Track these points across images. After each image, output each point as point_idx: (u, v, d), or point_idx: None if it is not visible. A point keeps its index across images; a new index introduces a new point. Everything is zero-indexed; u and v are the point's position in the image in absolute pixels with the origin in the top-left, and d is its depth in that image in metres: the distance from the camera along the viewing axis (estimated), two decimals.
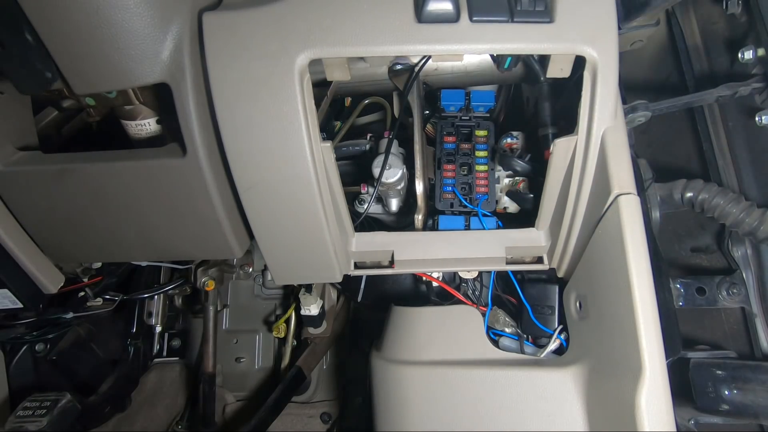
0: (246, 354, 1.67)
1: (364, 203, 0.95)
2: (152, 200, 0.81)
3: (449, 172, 0.92)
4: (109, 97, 0.80)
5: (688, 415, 0.93)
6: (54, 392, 1.15)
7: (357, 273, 0.90)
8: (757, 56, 0.88)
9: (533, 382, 0.81)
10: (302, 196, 0.76)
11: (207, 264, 1.41)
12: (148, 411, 1.57)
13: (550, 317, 0.89)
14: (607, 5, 0.70)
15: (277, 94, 0.70)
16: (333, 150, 0.77)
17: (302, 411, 1.62)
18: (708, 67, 1.01)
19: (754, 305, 0.93)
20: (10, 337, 1.22)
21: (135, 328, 1.52)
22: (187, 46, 0.70)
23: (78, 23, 0.65)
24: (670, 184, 0.96)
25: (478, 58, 0.94)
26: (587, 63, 0.71)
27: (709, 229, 1.03)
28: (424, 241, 0.87)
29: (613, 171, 0.71)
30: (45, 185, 0.82)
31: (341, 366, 1.65)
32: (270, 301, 1.68)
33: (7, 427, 1.07)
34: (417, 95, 0.92)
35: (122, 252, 0.92)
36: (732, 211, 0.88)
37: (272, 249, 0.83)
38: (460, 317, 0.91)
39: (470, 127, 0.94)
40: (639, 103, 0.88)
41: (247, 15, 0.69)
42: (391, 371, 0.93)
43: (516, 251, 0.86)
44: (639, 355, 0.64)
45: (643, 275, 0.66)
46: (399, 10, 0.69)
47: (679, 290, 0.98)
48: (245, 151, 0.73)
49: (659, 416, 0.63)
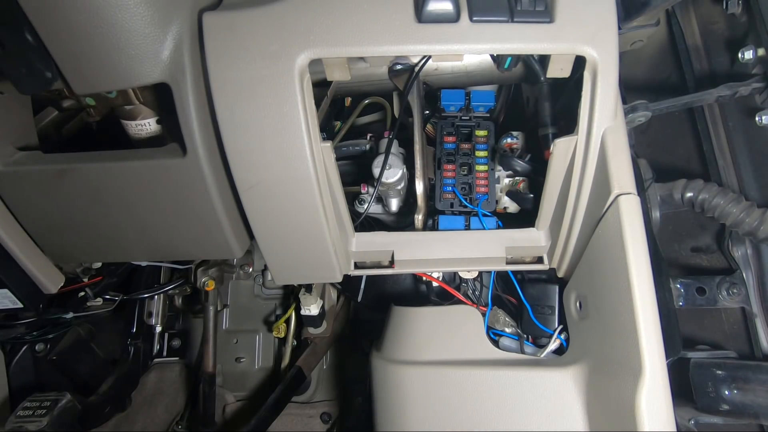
0: (246, 354, 1.67)
1: (364, 203, 0.95)
2: (152, 200, 0.81)
3: (449, 172, 0.92)
4: (109, 97, 0.80)
5: (688, 415, 0.93)
6: (54, 392, 1.15)
7: (357, 273, 0.90)
8: (757, 56, 0.88)
9: (533, 382, 0.81)
10: (302, 196, 0.76)
11: (207, 264, 1.41)
12: (148, 411, 1.58)
13: (550, 317, 0.89)
14: (607, 5, 0.70)
15: (277, 94, 0.70)
16: (333, 150, 0.77)
17: (302, 411, 1.62)
18: (708, 67, 1.01)
19: (754, 305, 0.93)
20: (10, 337, 1.22)
21: (135, 328, 1.52)
22: (187, 46, 0.70)
23: (78, 23, 0.65)
24: (670, 184, 0.96)
25: (478, 58, 0.94)
26: (587, 63, 0.71)
27: (709, 229, 1.03)
28: (424, 241, 0.87)
29: (613, 171, 0.71)
30: (45, 185, 0.82)
31: (341, 366, 1.66)
32: (270, 301, 1.68)
33: (7, 427, 1.07)
34: (417, 95, 0.92)
35: (122, 252, 0.92)
36: (732, 211, 0.88)
37: (272, 249, 0.83)
38: (460, 317, 0.91)
39: (470, 127, 0.94)
40: (639, 103, 0.88)
41: (247, 15, 0.69)
42: (391, 371, 0.93)
43: (516, 251, 0.86)
44: (639, 355, 0.64)
45: (643, 275, 0.66)
46: (399, 10, 0.69)
47: (679, 290, 0.98)
48: (245, 151, 0.73)
49: (659, 416, 0.63)
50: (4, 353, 1.24)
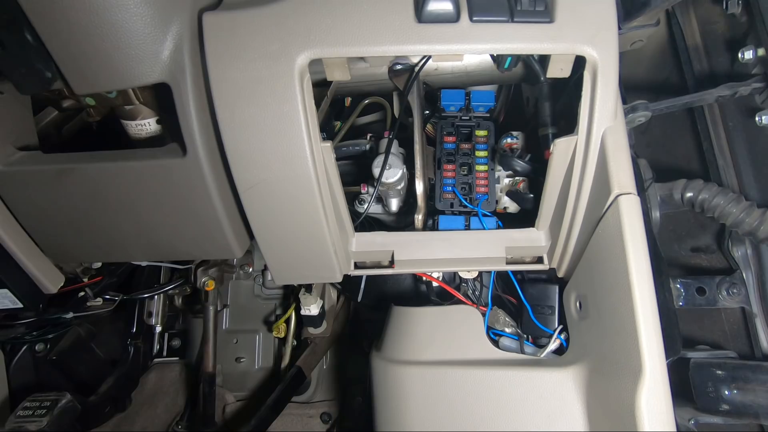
0: (246, 354, 1.67)
1: (364, 203, 0.95)
2: (152, 200, 0.81)
3: (449, 172, 0.92)
4: (109, 97, 0.80)
5: (688, 415, 0.93)
6: (54, 392, 1.15)
7: (357, 273, 0.90)
8: (757, 56, 0.88)
9: (533, 382, 0.81)
10: (302, 196, 0.76)
11: (207, 264, 1.42)
12: (148, 411, 1.58)
13: (550, 317, 0.89)
14: (607, 5, 0.70)
15: (277, 94, 0.70)
16: (333, 150, 0.77)
17: (302, 411, 1.62)
18: (708, 67, 1.01)
19: (754, 305, 0.93)
20: (10, 337, 1.22)
21: (135, 328, 1.52)
22: (187, 46, 0.70)
23: (78, 23, 0.65)
24: (670, 184, 0.96)
25: (478, 58, 0.94)
26: (587, 63, 0.71)
27: (709, 229, 1.03)
28: (424, 241, 0.87)
29: (613, 171, 0.71)
30: (45, 185, 0.82)
31: (341, 366, 1.66)
32: (270, 301, 1.68)
33: (7, 427, 1.07)
34: (417, 95, 0.92)
35: (122, 252, 0.92)
36: (732, 211, 0.88)
37: (272, 249, 0.83)
38: (460, 317, 0.91)
39: (470, 127, 0.94)
40: (639, 103, 0.88)
41: (247, 15, 0.69)
42: (391, 371, 0.93)
43: (516, 251, 0.86)
44: (639, 355, 0.64)
45: (643, 275, 0.66)
46: (399, 10, 0.69)
47: (679, 290, 0.98)
48: (245, 151, 0.73)
49: (659, 416, 0.63)
50: (4, 353, 1.24)
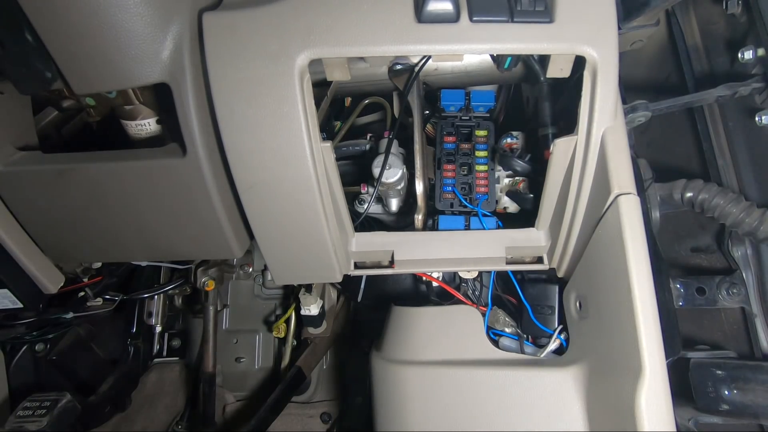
0: (246, 354, 1.67)
1: (364, 203, 0.95)
2: (152, 200, 0.81)
3: (449, 172, 0.92)
4: (109, 97, 0.80)
5: (688, 415, 0.93)
6: (54, 392, 1.15)
7: (357, 273, 0.90)
8: (757, 56, 0.88)
9: (533, 382, 0.81)
10: (302, 196, 0.76)
11: (207, 264, 1.41)
12: (148, 411, 1.58)
13: (550, 317, 0.89)
14: (607, 5, 0.70)
15: (277, 94, 0.70)
16: (333, 150, 0.77)
17: (302, 411, 1.62)
18: (708, 67, 1.01)
19: (754, 305, 0.93)
20: (10, 337, 1.22)
21: (135, 328, 1.52)
22: (187, 46, 0.70)
23: (78, 23, 0.65)
24: (670, 184, 0.96)
25: (478, 58, 0.94)
26: (587, 63, 0.71)
27: (709, 229, 1.03)
28: (424, 241, 0.87)
29: (613, 171, 0.71)
30: (45, 185, 0.82)
31: (341, 366, 1.65)
32: (270, 301, 1.68)
33: (7, 427, 1.07)
34: (417, 95, 0.92)
35: (122, 252, 0.92)
36: (732, 211, 0.88)
37: (272, 249, 0.83)
38: (460, 317, 0.91)
39: (470, 127, 0.94)
40: (639, 103, 0.88)
41: (247, 15, 0.69)
42: (391, 371, 0.93)
43: (516, 251, 0.86)
44: (639, 355, 0.64)
45: (643, 275, 0.66)
46: (399, 10, 0.69)
47: (679, 290, 0.98)
48: (245, 151, 0.73)
49: (659, 416, 0.63)
50: (4, 353, 1.24)
